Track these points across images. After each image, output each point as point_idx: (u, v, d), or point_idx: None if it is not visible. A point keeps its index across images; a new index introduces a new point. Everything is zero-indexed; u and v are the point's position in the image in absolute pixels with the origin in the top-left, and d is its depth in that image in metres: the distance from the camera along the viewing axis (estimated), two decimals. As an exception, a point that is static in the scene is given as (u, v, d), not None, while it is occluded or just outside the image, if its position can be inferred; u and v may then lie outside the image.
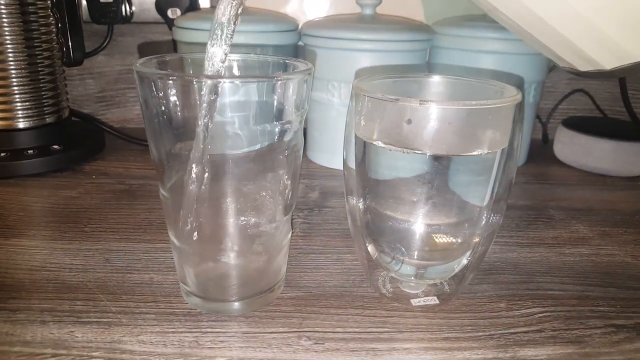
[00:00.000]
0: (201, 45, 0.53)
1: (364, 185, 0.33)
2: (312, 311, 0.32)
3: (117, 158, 0.60)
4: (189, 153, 0.28)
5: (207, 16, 0.57)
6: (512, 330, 0.31)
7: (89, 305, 0.32)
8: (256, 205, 0.30)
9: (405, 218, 0.31)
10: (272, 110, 0.28)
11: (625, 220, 0.47)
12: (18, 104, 0.55)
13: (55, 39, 0.56)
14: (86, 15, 0.63)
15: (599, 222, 0.47)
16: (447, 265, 0.33)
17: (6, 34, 0.52)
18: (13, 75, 0.54)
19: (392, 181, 0.32)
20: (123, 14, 0.63)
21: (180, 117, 0.27)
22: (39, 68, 0.56)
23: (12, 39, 0.53)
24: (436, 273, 0.34)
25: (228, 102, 0.27)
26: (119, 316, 0.31)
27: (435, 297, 0.34)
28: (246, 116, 0.28)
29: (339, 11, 0.68)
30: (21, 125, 0.56)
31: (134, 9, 0.65)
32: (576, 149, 0.60)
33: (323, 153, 0.59)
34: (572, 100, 0.71)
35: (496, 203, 0.32)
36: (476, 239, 0.33)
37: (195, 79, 0.27)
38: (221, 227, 0.30)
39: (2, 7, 0.52)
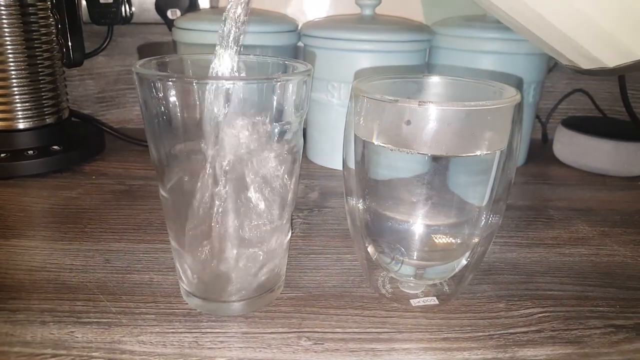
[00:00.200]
0: (201, 46, 0.54)
1: (364, 185, 0.33)
2: (312, 311, 0.32)
3: (117, 159, 0.60)
4: (189, 154, 0.28)
5: (207, 17, 0.57)
6: (512, 330, 0.31)
7: (89, 305, 0.32)
8: (256, 205, 0.30)
9: (404, 218, 0.31)
10: (272, 111, 0.28)
11: (624, 220, 0.47)
12: (18, 105, 0.55)
13: (55, 40, 0.57)
14: (86, 16, 0.63)
15: (599, 222, 0.47)
16: (447, 265, 0.33)
17: (6, 35, 0.53)
18: (13, 76, 0.54)
19: (392, 182, 0.32)
20: (123, 15, 0.63)
21: (180, 119, 0.27)
22: (39, 69, 0.56)
23: (12, 40, 0.53)
24: (435, 273, 0.34)
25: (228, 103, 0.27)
26: (119, 316, 0.31)
27: (434, 298, 0.34)
28: (246, 116, 0.28)
29: (339, 12, 0.68)
30: (21, 125, 0.56)
31: (134, 10, 0.65)
32: (575, 149, 0.60)
33: (323, 153, 0.59)
34: (572, 100, 0.71)
35: (495, 203, 0.32)
36: (475, 240, 0.33)
37: (194, 81, 0.27)
38: (221, 227, 0.30)
39: (2, 8, 0.52)
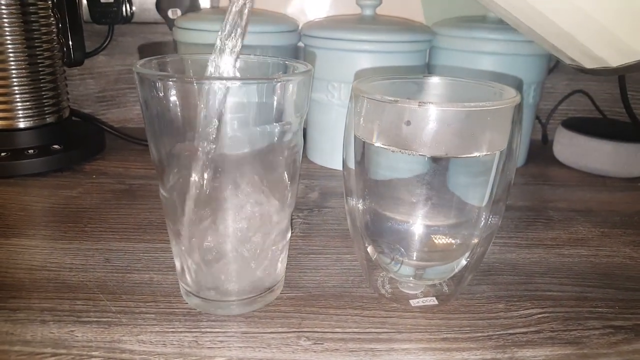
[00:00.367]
0: (202, 46, 0.54)
1: (364, 186, 0.33)
2: (312, 311, 0.32)
3: (117, 158, 0.60)
4: (190, 154, 0.28)
5: (208, 17, 0.57)
6: (511, 331, 0.31)
7: (89, 304, 0.32)
8: (256, 205, 0.30)
9: (404, 219, 0.31)
10: (272, 111, 0.28)
11: (624, 221, 0.47)
12: (18, 104, 0.55)
13: (55, 39, 0.57)
14: (87, 15, 0.63)
15: (598, 223, 0.47)
16: (446, 266, 0.33)
17: (7, 34, 0.53)
18: (14, 75, 0.54)
19: (392, 182, 0.32)
20: (123, 14, 0.63)
21: (180, 118, 0.27)
22: (40, 68, 0.56)
23: (13, 39, 0.53)
24: (435, 274, 0.34)
25: (228, 104, 0.27)
26: (119, 316, 0.31)
27: (434, 298, 0.34)
28: (246, 117, 0.28)
29: (339, 12, 0.68)
30: (22, 125, 0.56)
31: (135, 9, 0.65)
32: (575, 150, 0.60)
33: (323, 153, 0.59)
34: (572, 101, 0.71)
35: (495, 204, 0.32)
36: (475, 240, 0.33)
37: (195, 80, 0.27)
38: (221, 228, 0.30)
39: (3, 7, 0.52)
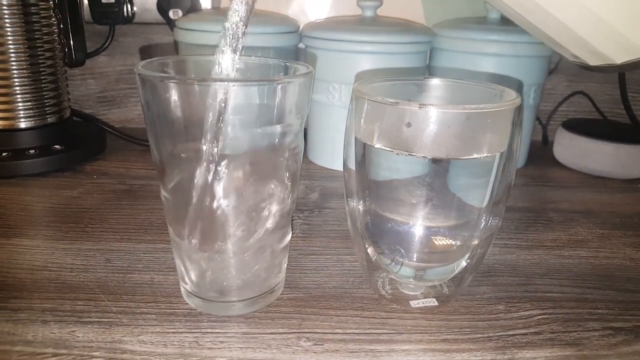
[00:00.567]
0: (203, 46, 0.54)
1: (364, 187, 0.33)
2: (312, 312, 0.33)
3: (118, 158, 0.60)
4: (191, 154, 0.28)
5: (209, 17, 0.57)
6: (511, 332, 0.31)
7: (90, 305, 0.32)
8: (256, 206, 0.30)
9: (404, 220, 0.32)
10: (273, 112, 0.28)
11: (624, 222, 0.47)
12: (20, 104, 0.55)
13: (57, 40, 0.57)
14: (88, 15, 0.63)
15: (598, 225, 0.47)
16: (446, 267, 0.33)
17: (8, 35, 0.53)
18: (15, 75, 0.54)
19: (392, 183, 0.32)
20: (124, 15, 0.63)
21: (182, 119, 0.27)
22: (41, 68, 0.56)
23: (14, 39, 0.53)
24: (435, 275, 0.34)
25: (229, 105, 0.27)
26: (120, 316, 0.31)
27: (434, 299, 0.34)
28: (247, 118, 0.28)
29: (340, 13, 0.68)
30: (23, 125, 0.56)
31: (136, 10, 0.65)
32: (576, 151, 0.60)
33: (323, 154, 0.59)
34: (572, 102, 0.71)
35: (495, 205, 0.32)
36: (475, 241, 0.33)
37: (196, 82, 0.27)
38: (222, 228, 0.30)
39: (5, 8, 0.52)
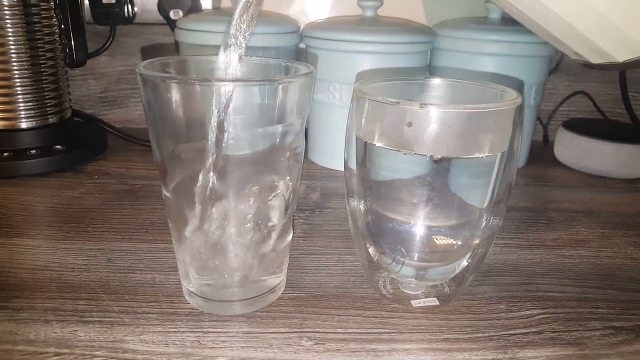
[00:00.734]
0: (203, 47, 0.54)
1: (365, 186, 0.33)
2: (313, 312, 0.33)
3: (119, 158, 0.60)
4: (192, 154, 0.28)
5: (210, 18, 0.57)
6: (512, 331, 0.31)
7: (92, 304, 0.32)
8: (257, 206, 0.30)
9: (405, 220, 0.32)
10: (274, 112, 0.29)
11: (625, 222, 0.47)
12: (21, 104, 0.55)
13: (58, 40, 0.57)
14: (89, 16, 0.63)
15: (599, 224, 0.47)
16: (447, 266, 0.33)
17: (9, 35, 0.53)
18: (16, 75, 0.54)
19: (393, 183, 0.32)
20: (125, 15, 0.63)
21: (183, 119, 0.27)
22: (42, 69, 0.56)
23: (16, 40, 0.53)
24: (436, 274, 0.34)
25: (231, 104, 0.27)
26: (122, 316, 0.31)
27: (435, 299, 0.34)
28: (248, 118, 0.28)
29: (341, 13, 0.68)
30: (24, 125, 0.56)
31: (137, 10, 0.65)
32: (576, 151, 0.60)
33: (324, 154, 0.59)
34: (573, 102, 0.71)
35: (496, 205, 0.32)
36: (476, 241, 0.33)
37: (198, 82, 0.27)
38: (223, 228, 0.30)
39: (6, 8, 0.52)
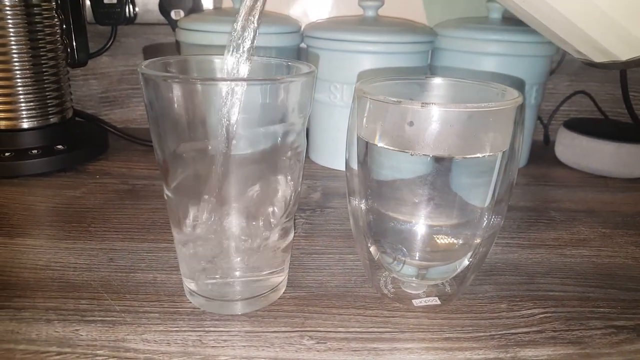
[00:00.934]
0: (205, 46, 0.54)
1: (366, 186, 0.33)
2: (315, 311, 0.33)
3: (121, 158, 0.60)
4: (194, 154, 0.28)
5: (211, 18, 0.58)
6: (513, 330, 0.31)
7: (94, 304, 0.32)
8: (259, 205, 0.30)
9: (407, 219, 0.32)
10: (276, 112, 0.29)
11: (626, 221, 0.47)
12: (22, 105, 0.55)
13: (59, 40, 0.57)
14: (90, 16, 0.63)
15: (600, 224, 0.47)
16: (449, 266, 0.33)
17: (11, 35, 0.53)
18: (18, 75, 0.54)
19: (394, 182, 0.32)
20: (127, 15, 0.63)
21: (185, 118, 0.27)
22: (44, 69, 0.56)
23: (17, 40, 0.53)
24: (438, 274, 0.34)
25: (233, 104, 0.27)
26: (123, 315, 0.31)
27: (436, 298, 0.34)
28: (249, 118, 0.28)
29: (341, 13, 0.69)
30: (25, 125, 0.56)
31: (138, 10, 0.65)
32: (577, 151, 0.60)
33: (325, 154, 0.59)
34: (574, 101, 0.71)
35: (497, 204, 0.32)
36: (477, 240, 0.33)
37: (199, 81, 0.27)
38: (224, 227, 0.30)
39: (7, 9, 0.52)
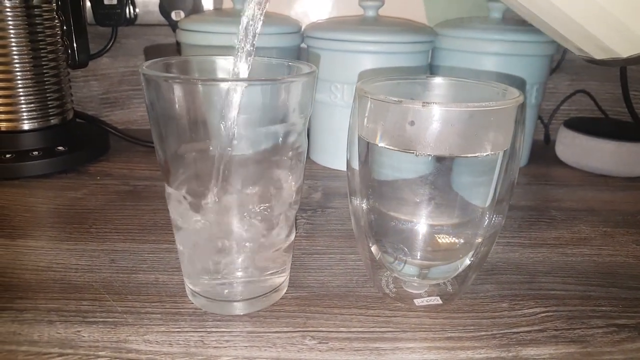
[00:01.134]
0: (205, 47, 0.54)
1: (367, 186, 0.33)
2: (316, 311, 0.33)
3: (122, 159, 0.60)
4: (195, 154, 0.28)
5: (211, 19, 0.58)
6: (515, 329, 0.31)
7: (95, 305, 0.32)
8: (260, 206, 0.30)
9: (408, 218, 0.32)
10: (277, 112, 0.29)
11: (626, 220, 0.47)
12: (23, 106, 0.55)
13: (60, 41, 0.57)
14: (90, 17, 0.63)
15: (601, 223, 0.47)
16: (450, 265, 0.33)
17: (11, 37, 0.53)
18: (18, 77, 0.54)
19: (395, 182, 0.32)
20: (127, 16, 0.63)
21: (186, 119, 0.28)
22: (44, 70, 0.56)
23: (18, 42, 0.53)
24: (439, 273, 0.34)
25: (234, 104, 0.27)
26: (125, 316, 0.31)
27: (438, 297, 0.34)
28: (251, 118, 0.28)
29: (342, 13, 0.69)
30: (26, 126, 0.56)
31: (138, 11, 0.65)
32: (578, 150, 0.60)
33: (326, 154, 0.59)
34: (574, 101, 0.71)
35: (498, 204, 0.32)
36: (479, 240, 0.33)
37: (200, 81, 0.27)
38: (225, 227, 0.30)
39: (8, 10, 0.52)
